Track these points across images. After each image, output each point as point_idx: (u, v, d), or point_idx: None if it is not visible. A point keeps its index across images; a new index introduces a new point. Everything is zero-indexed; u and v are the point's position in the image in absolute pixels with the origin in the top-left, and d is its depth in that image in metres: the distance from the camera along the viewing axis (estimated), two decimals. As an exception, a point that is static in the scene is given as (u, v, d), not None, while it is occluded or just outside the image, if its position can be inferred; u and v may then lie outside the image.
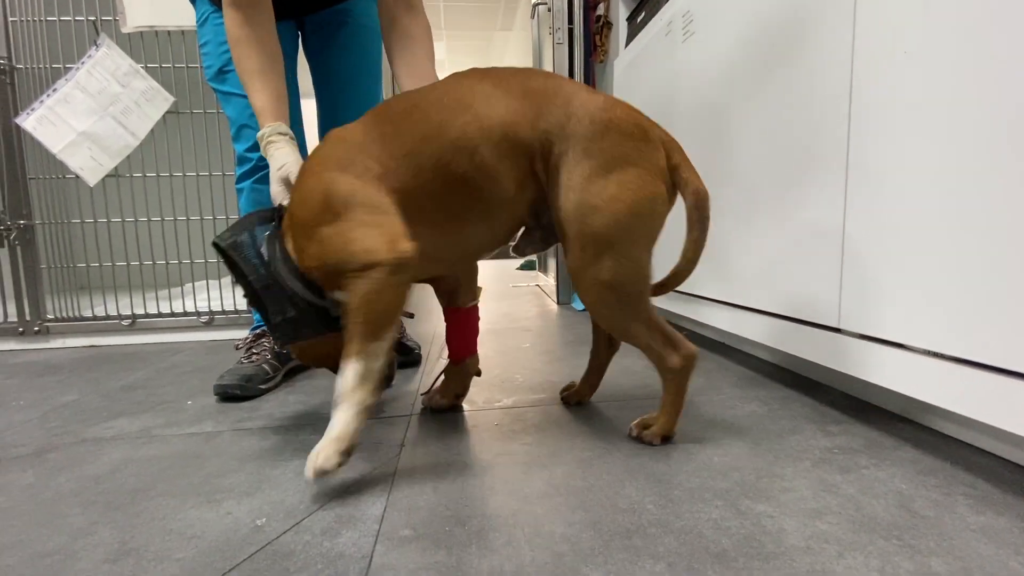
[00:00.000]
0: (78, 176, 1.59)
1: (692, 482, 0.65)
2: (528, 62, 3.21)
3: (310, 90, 1.22)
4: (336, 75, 1.18)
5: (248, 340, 1.19)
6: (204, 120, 1.71)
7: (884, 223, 0.74)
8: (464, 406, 0.95)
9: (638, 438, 0.77)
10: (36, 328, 1.70)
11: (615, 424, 0.84)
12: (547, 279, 3.37)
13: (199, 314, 1.75)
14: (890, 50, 0.72)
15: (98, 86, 1.59)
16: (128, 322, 1.73)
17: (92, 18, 1.62)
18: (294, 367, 1.23)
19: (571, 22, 2.27)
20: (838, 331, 0.84)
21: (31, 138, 1.58)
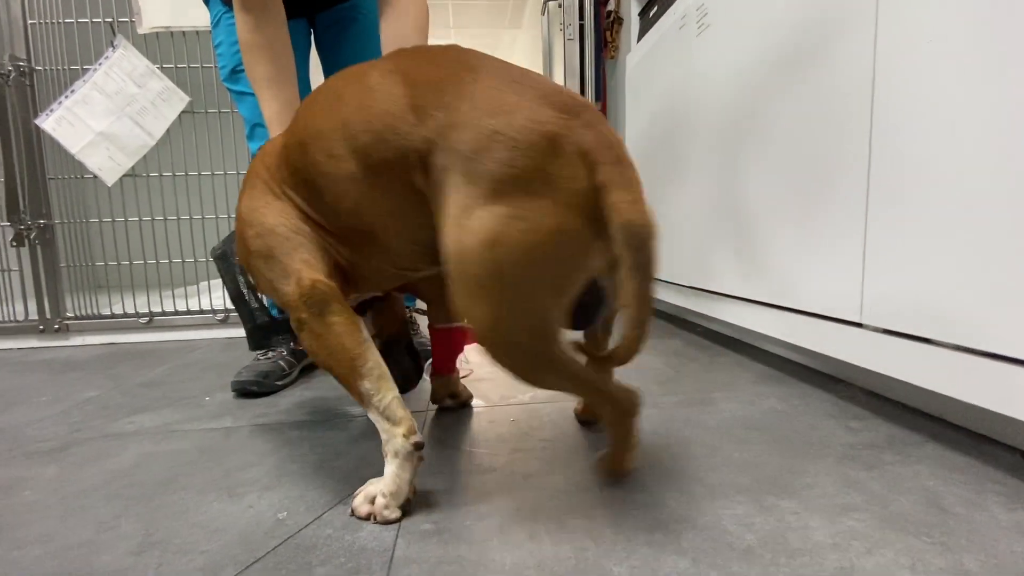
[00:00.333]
0: (96, 176, 1.62)
1: (713, 478, 0.64)
2: (537, 60, 3.20)
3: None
4: None
5: (264, 337, 1.20)
6: (219, 120, 1.73)
7: (906, 215, 0.73)
8: (480, 403, 0.95)
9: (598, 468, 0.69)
10: (56, 326, 1.73)
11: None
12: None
13: (215, 312, 1.77)
14: (914, 40, 0.70)
15: (115, 87, 1.61)
16: (145, 320, 1.75)
17: (109, 20, 1.64)
18: (310, 364, 1.24)
19: (582, 18, 2.26)
20: (860, 326, 0.83)
21: (50, 139, 1.60)
